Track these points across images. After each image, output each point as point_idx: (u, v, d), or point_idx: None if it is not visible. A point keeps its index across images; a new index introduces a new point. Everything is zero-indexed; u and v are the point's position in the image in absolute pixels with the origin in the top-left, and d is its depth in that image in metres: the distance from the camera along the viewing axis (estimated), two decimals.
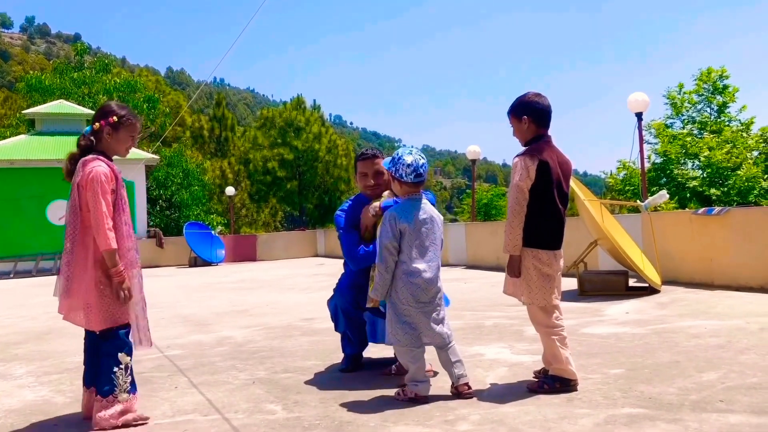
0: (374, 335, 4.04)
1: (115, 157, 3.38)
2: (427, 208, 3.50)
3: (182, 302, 9.27)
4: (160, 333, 6.37)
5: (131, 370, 3.30)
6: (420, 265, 3.37)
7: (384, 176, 3.96)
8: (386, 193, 3.89)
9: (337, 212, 4.12)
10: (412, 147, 3.61)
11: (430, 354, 3.53)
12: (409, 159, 3.44)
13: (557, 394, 3.35)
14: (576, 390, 3.41)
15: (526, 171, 3.42)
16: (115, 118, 3.31)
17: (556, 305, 3.54)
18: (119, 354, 3.23)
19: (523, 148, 3.56)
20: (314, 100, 52.63)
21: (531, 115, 3.53)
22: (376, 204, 3.83)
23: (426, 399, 3.36)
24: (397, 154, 3.51)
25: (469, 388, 3.41)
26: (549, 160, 3.46)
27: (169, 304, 9.12)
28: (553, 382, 3.44)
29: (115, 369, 3.21)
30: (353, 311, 4.11)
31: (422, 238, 3.42)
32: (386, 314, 3.48)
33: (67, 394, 4.00)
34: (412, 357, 3.38)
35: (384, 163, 3.79)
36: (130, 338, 3.29)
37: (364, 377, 4.05)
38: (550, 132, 3.61)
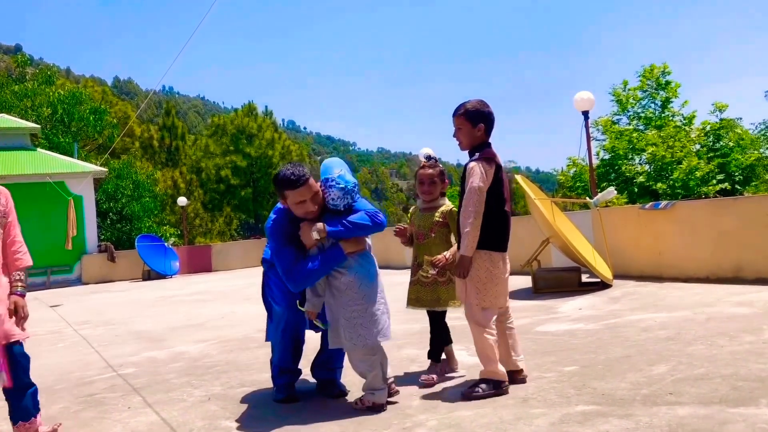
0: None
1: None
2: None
3: (136, 318, 9.07)
4: (113, 351, 6.23)
5: None
6: (351, 272, 3.44)
7: (320, 196, 3.52)
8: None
9: (269, 226, 3.62)
10: (345, 180, 3.45)
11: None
12: (336, 193, 3.45)
13: (505, 396, 3.39)
14: (507, 392, 3.45)
15: (484, 174, 3.46)
16: None
17: (506, 307, 3.61)
18: None
19: (477, 153, 3.59)
20: (266, 106, 52.38)
21: (486, 123, 3.61)
22: (320, 225, 3.41)
23: (383, 407, 3.35)
24: (333, 178, 3.45)
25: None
26: (502, 165, 3.56)
27: (122, 320, 8.92)
28: (486, 385, 3.45)
29: None
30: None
31: None
32: (330, 320, 3.49)
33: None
34: (369, 365, 3.37)
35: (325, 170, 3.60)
36: None
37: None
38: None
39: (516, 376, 3.63)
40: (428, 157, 4.06)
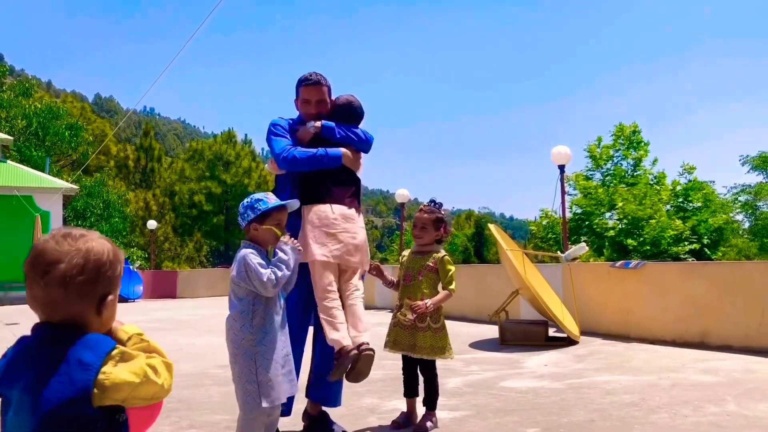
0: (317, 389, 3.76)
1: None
2: None
3: None
4: None
5: None
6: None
7: (327, 106, 3.78)
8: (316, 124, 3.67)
9: (273, 120, 3.77)
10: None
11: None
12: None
13: None
14: None
15: None
16: None
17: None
18: None
19: None
20: (246, 135, 52.41)
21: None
22: (318, 123, 3.64)
23: None
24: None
25: None
26: None
27: None
28: None
29: None
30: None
31: None
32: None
33: None
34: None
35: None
36: None
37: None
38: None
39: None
40: (431, 201, 4.00)
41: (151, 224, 23.83)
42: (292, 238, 3.00)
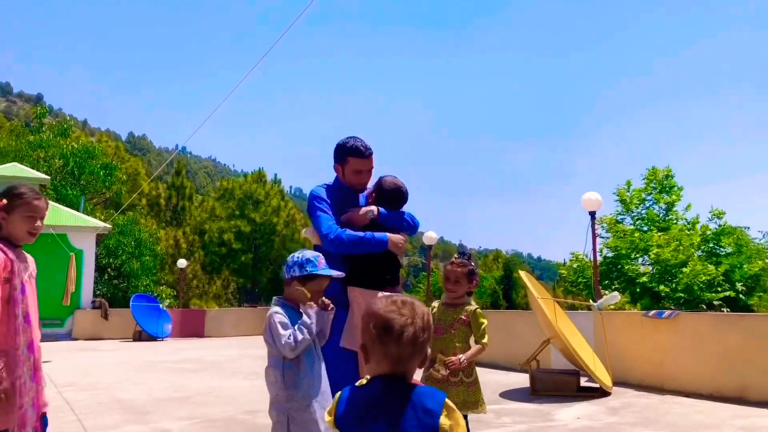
0: None
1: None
2: None
3: (122, 383, 8.84)
4: (94, 421, 6.03)
5: None
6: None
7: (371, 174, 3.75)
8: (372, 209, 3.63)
9: (316, 188, 3.72)
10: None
11: None
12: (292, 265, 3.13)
13: None
14: None
15: None
16: (4, 201, 2.95)
17: None
18: None
19: None
20: (275, 174, 53.01)
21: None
22: (374, 208, 3.59)
23: None
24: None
25: None
26: None
27: (108, 384, 8.69)
28: None
29: None
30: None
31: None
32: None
33: None
34: None
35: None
36: None
37: None
38: None
39: None
40: (461, 254, 4.04)
41: (181, 263, 24.07)
42: (324, 299, 3.02)
